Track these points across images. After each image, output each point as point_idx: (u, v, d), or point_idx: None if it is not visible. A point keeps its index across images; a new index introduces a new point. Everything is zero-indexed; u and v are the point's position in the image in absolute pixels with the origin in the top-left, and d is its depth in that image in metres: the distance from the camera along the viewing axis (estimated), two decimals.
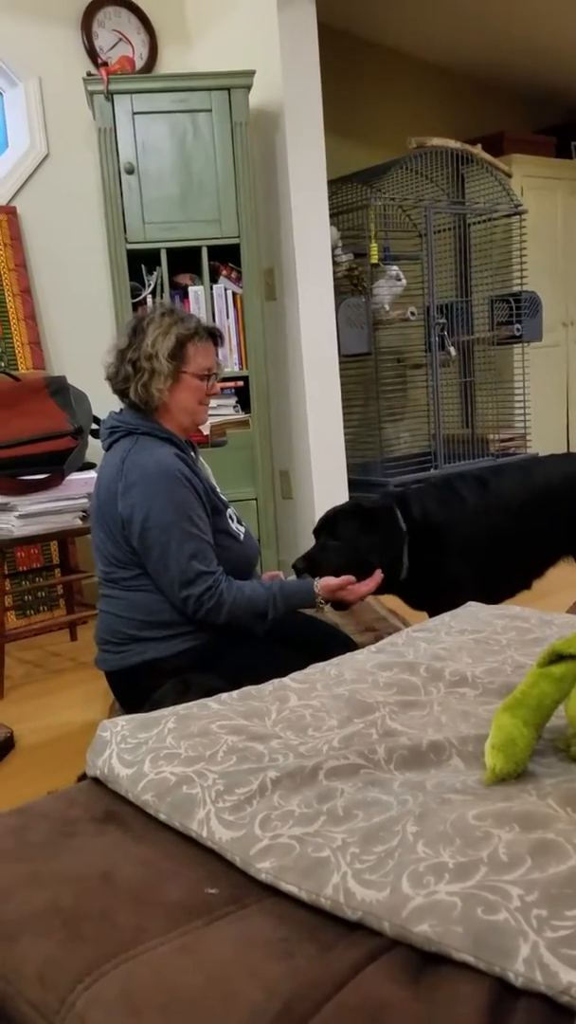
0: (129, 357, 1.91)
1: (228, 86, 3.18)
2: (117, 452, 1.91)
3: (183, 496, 1.85)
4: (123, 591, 1.93)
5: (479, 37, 4.76)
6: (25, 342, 3.39)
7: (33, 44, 3.42)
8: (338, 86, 4.34)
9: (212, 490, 1.99)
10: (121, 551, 1.90)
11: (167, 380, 1.90)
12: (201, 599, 1.85)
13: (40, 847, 1.01)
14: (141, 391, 1.90)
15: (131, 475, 1.85)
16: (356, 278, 4.01)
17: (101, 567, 1.98)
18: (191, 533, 1.84)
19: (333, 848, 0.90)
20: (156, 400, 1.91)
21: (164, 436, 1.93)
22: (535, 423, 4.79)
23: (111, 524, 1.89)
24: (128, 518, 1.85)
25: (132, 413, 1.96)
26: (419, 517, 2.31)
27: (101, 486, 1.93)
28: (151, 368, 1.88)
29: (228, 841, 0.97)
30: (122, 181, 3.16)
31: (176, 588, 1.85)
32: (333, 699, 1.31)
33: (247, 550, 2.05)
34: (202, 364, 1.94)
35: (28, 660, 3.08)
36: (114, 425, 1.95)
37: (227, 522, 2.00)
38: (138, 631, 1.92)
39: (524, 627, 1.62)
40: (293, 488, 3.73)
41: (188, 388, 1.94)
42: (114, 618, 1.94)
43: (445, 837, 0.87)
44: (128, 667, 1.94)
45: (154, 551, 1.84)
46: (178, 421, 1.97)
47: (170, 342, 1.89)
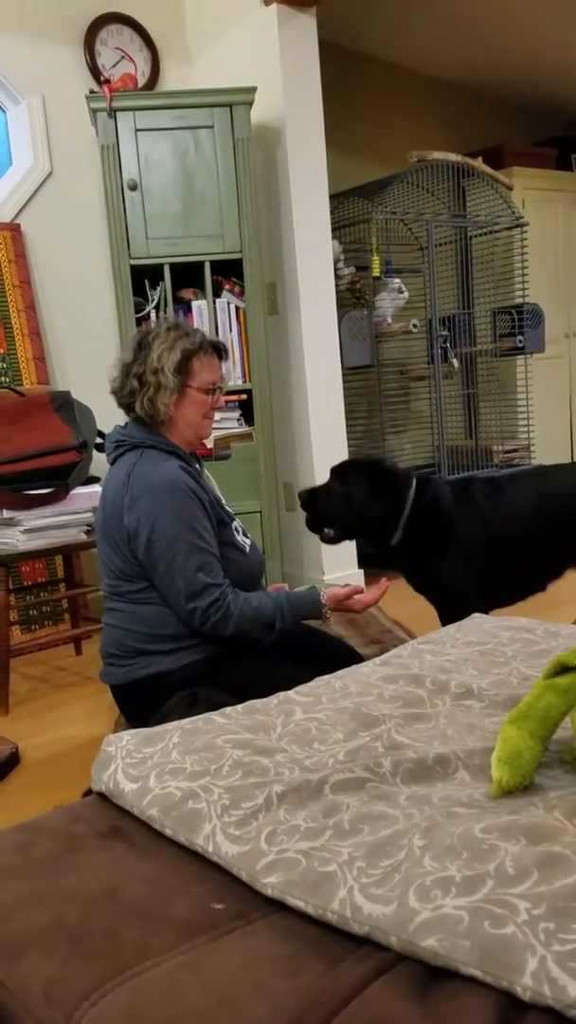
0: (135, 371, 1.92)
1: (230, 103, 3.21)
2: (122, 466, 1.92)
3: (189, 509, 1.85)
4: (129, 604, 1.93)
5: (479, 51, 4.80)
6: (30, 357, 3.40)
7: (36, 62, 3.45)
8: (339, 101, 4.37)
9: (217, 502, 1.99)
10: (127, 564, 1.90)
11: (172, 394, 1.91)
12: (208, 611, 1.85)
13: (45, 863, 1.01)
14: (147, 405, 1.91)
15: (136, 488, 1.85)
16: (358, 291, 4.02)
17: (107, 580, 1.98)
18: (197, 546, 1.84)
19: (339, 862, 0.90)
20: (162, 414, 1.92)
21: (169, 449, 1.93)
22: (539, 434, 4.79)
23: (117, 537, 1.89)
24: (134, 531, 1.85)
25: (137, 427, 1.96)
26: (429, 500, 2.37)
27: (106, 500, 1.94)
28: (157, 382, 1.89)
29: (234, 856, 0.97)
30: (125, 197, 3.19)
31: (183, 601, 1.85)
32: (338, 712, 1.30)
33: (253, 562, 2.05)
34: (207, 378, 1.95)
35: (33, 675, 3.08)
36: (119, 439, 1.96)
37: (233, 534, 2.00)
38: (143, 644, 1.92)
39: (530, 639, 1.62)
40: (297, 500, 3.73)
41: (193, 402, 1.94)
42: (119, 631, 1.94)
43: (452, 851, 0.87)
44: (133, 680, 1.93)
45: (160, 564, 1.84)
46: (183, 435, 1.97)
47: (175, 356, 1.90)
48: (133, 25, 3.65)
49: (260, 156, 3.49)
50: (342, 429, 3.68)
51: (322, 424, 3.60)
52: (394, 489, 2.34)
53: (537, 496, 2.46)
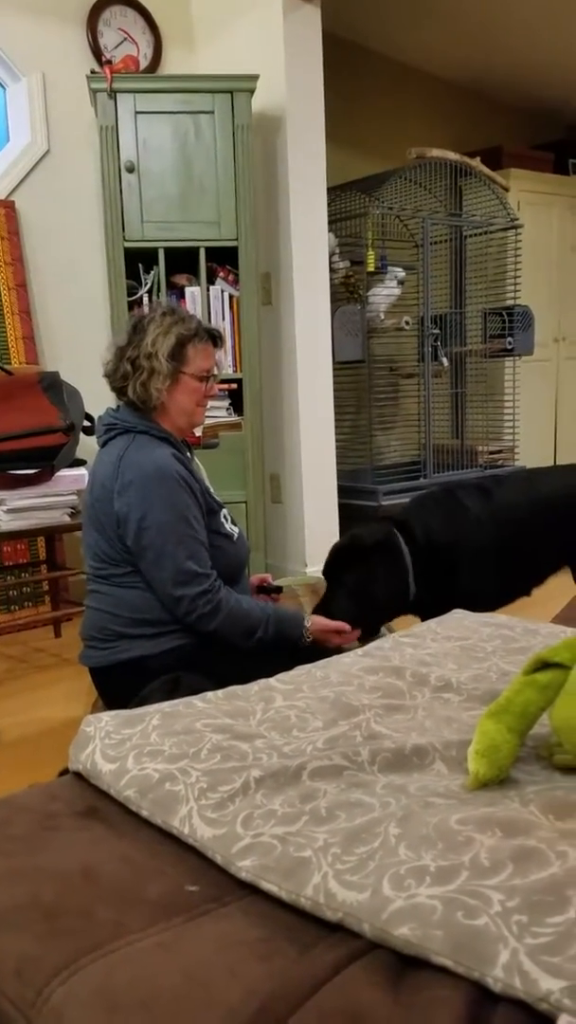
0: (128, 355, 1.90)
1: (231, 89, 3.19)
2: (113, 450, 1.90)
3: (180, 497, 1.84)
4: (113, 587, 1.92)
5: (482, 52, 4.80)
6: (19, 336, 3.38)
7: (38, 40, 3.41)
8: (340, 94, 4.35)
9: (207, 491, 1.98)
10: (114, 549, 1.89)
11: (166, 380, 1.89)
12: (196, 601, 1.83)
13: (21, 840, 1.01)
14: (139, 390, 1.89)
15: (128, 474, 1.84)
16: (352, 286, 4.02)
17: (91, 563, 1.97)
18: (188, 534, 1.84)
19: (315, 848, 0.90)
20: (154, 399, 1.91)
21: (161, 436, 1.92)
22: (523, 436, 4.81)
23: (104, 521, 1.88)
24: (124, 517, 1.84)
25: (129, 411, 1.95)
26: (423, 539, 2.27)
27: (95, 483, 1.92)
28: (150, 367, 1.88)
29: (210, 839, 0.97)
30: (122, 179, 3.16)
31: (170, 588, 1.83)
32: (319, 701, 1.31)
33: (239, 551, 2.05)
34: (201, 365, 1.94)
35: (12, 656, 3.06)
36: (111, 422, 1.95)
37: (221, 523, 1.99)
38: (126, 628, 1.91)
39: (509, 635, 1.63)
40: (283, 492, 3.73)
41: (186, 389, 1.93)
42: (102, 614, 1.94)
43: (427, 840, 0.87)
44: (113, 664, 1.93)
45: (149, 552, 1.83)
46: (175, 421, 1.96)
47: (170, 342, 1.89)
48: (137, 7, 3.62)
49: (260, 145, 3.48)
50: (330, 423, 3.68)
51: (311, 417, 3.60)
52: (390, 559, 2.22)
53: (527, 499, 2.45)
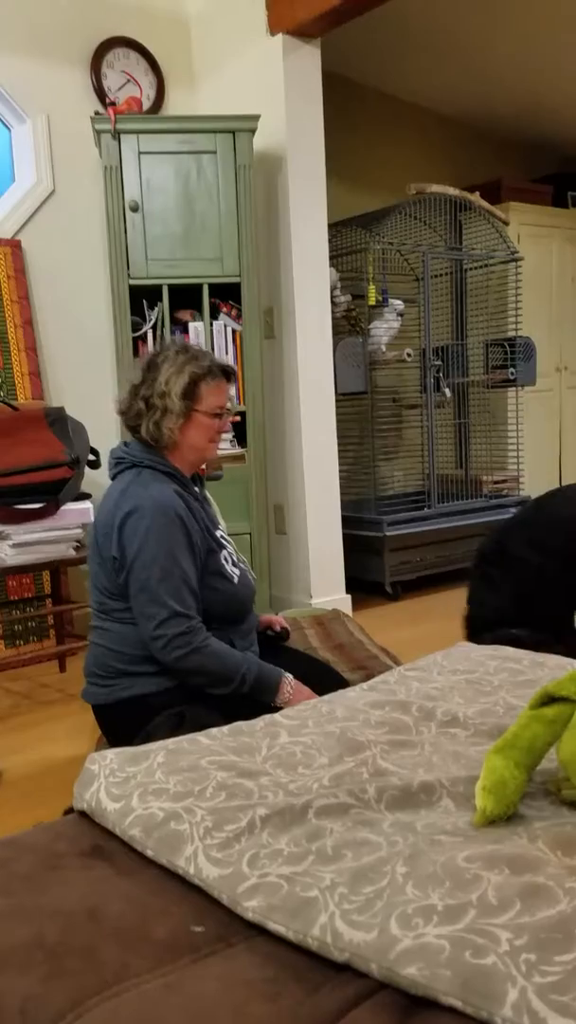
0: (142, 394, 1.91)
1: (233, 129, 3.25)
2: (119, 484, 1.91)
3: (173, 534, 1.83)
4: (114, 623, 1.92)
5: (479, 87, 4.88)
6: (25, 372, 3.41)
7: (43, 82, 3.49)
8: (340, 132, 4.43)
9: (209, 530, 1.97)
10: (112, 582, 1.89)
11: (178, 419, 1.90)
12: (173, 642, 1.80)
13: (25, 880, 1.00)
14: (152, 428, 1.90)
15: (126, 507, 1.85)
16: (354, 319, 4.06)
17: (94, 597, 1.97)
18: (173, 573, 1.82)
19: (321, 888, 0.89)
20: (166, 439, 1.91)
21: (167, 471, 1.93)
22: (528, 466, 4.83)
23: (104, 555, 1.89)
24: (119, 550, 1.85)
25: (139, 446, 1.96)
26: None
27: (100, 516, 1.93)
28: (163, 406, 1.89)
29: (215, 879, 0.96)
30: (126, 218, 3.21)
31: (150, 624, 1.82)
32: (324, 737, 1.30)
33: (240, 591, 2.00)
34: (214, 402, 1.95)
35: (16, 691, 3.05)
36: (120, 456, 1.96)
37: (221, 563, 1.97)
38: (127, 665, 1.90)
39: (516, 668, 1.62)
40: (287, 523, 3.74)
41: (199, 426, 1.94)
42: (104, 651, 1.93)
43: (435, 879, 0.87)
44: (115, 702, 1.92)
45: (134, 585, 1.83)
46: (187, 458, 1.97)
47: (183, 381, 1.90)
48: (140, 50, 3.70)
49: (261, 182, 3.53)
50: (334, 454, 3.69)
51: (314, 448, 3.62)
52: None
53: None
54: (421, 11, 3.87)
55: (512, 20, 4.13)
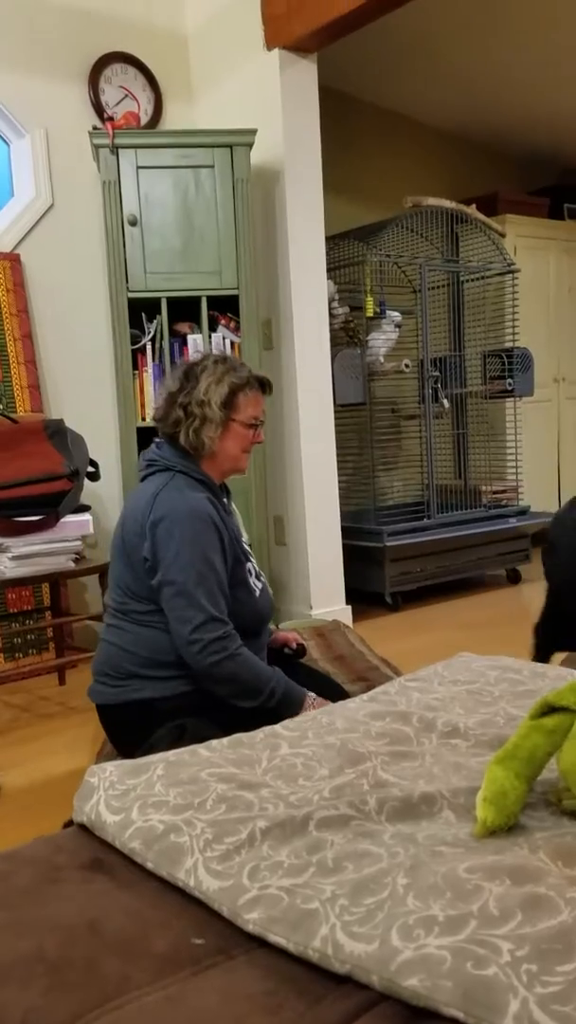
0: (180, 401, 1.92)
1: (230, 143, 3.27)
2: (150, 486, 1.92)
3: (209, 540, 1.85)
4: (132, 624, 1.92)
5: (475, 101, 4.92)
6: (24, 385, 3.42)
7: (41, 97, 3.51)
8: (337, 145, 4.46)
9: (238, 539, 1.98)
10: (138, 583, 1.89)
11: (218, 428, 1.92)
12: (209, 646, 1.81)
13: (25, 893, 1.00)
14: (192, 436, 1.92)
15: (160, 510, 1.85)
16: (352, 330, 4.08)
17: (114, 596, 1.96)
18: (210, 577, 1.83)
19: (322, 900, 0.89)
20: (207, 447, 1.93)
21: (200, 478, 1.94)
22: (527, 476, 4.83)
23: (132, 555, 1.89)
24: (151, 554, 1.85)
25: (172, 451, 1.97)
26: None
27: (128, 516, 1.93)
28: (202, 415, 1.90)
29: (216, 891, 0.96)
30: (125, 232, 3.23)
31: (186, 627, 1.82)
32: (324, 748, 1.30)
33: (261, 606, 2.01)
34: (251, 413, 1.97)
35: (16, 704, 3.05)
36: (152, 459, 1.97)
37: (246, 574, 1.97)
38: (139, 668, 1.90)
39: (516, 679, 1.62)
40: (287, 534, 3.74)
41: (236, 436, 1.96)
42: (118, 651, 1.93)
43: (436, 890, 0.87)
44: (122, 703, 1.92)
45: (169, 589, 1.83)
46: (220, 467, 1.98)
47: (223, 390, 1.91)
48: (137, 65, 3.72)
49: (259, 196, 3.55)
50: (333, 465, 3.70)
51: (313, 459, 3.62)
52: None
53: None
54: (416, 26, 3.90)
55: (506, 34, 4.17)
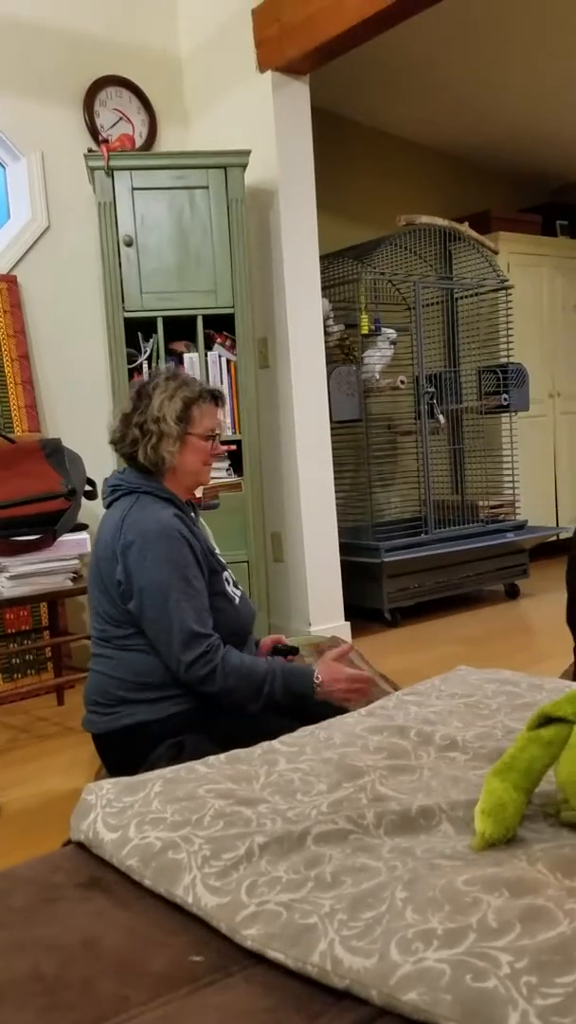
0: (135, 421, 1.94)
1: (225, 164, 3.30)
2: (117, 511, 1.93)
3: (182, 556, 1.85)
4: (116, 650, 1.92)
5: (467, 121, 4.97)
6: (22, 405, 3.43)
7: (37, 120, 3.55)
8: (331, 165, 4.50)
9: (211, 551, 1.99)
10: (116, 609, 1.89)
11: (175, 442, 1.93)
12: (195, 664, 1.81)
13: (22, 912, 0.99)
14: (151, 453, 1.93)
15: (130, 534, 1.86)
16: (347, 347, 4.10)
17: (95, 625, 1.97)
18: (188, 593, 1.84)
19: (321, 915, 0.89)
20: (167, 462, 1.94)
21: (165, 496, 1.94)
22: (524, 490, 4.84)
23: (107, 581, 1.89)
24: (125, 576, 1.85)
25: (135, 473, 1.98)
26: None
27: (100, 544, 1.94)
28: (159, 431, 1.91)
29: (214, 907, 0.95)
30: (121, 253, 3.25)
31: (173, 648, 1.83)
32: (322, 763, 1.30)
33: (243, 614, 2.03)
34: (207, 425, 1.98)
35: (14, 725, 3.04)
36: (116, 484, 1.98)
37: (224, 584, 1.99)
38: (128, 692, 1.90)
39: (514, 691, 1.62)
40: (285, 551, 3.74)
41: (194, 449, 1.97)
42: (105, 678, 1.93)
43: (434, 903, 0.86)
44: (116, 729, 1.91)
45: (150, 611, 1.84)
46: (182, 482, 1.99)
47: (176, 405, 1.93)
48: (132, 88, 3.77)
49: (254, 216, 3.58)
50: (330, 481, 3.71)
51: (310, 476, 3.63)
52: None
53: None
54: (406, 48, 3.95)
55: (496, 54, 4.22)
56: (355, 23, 3.09)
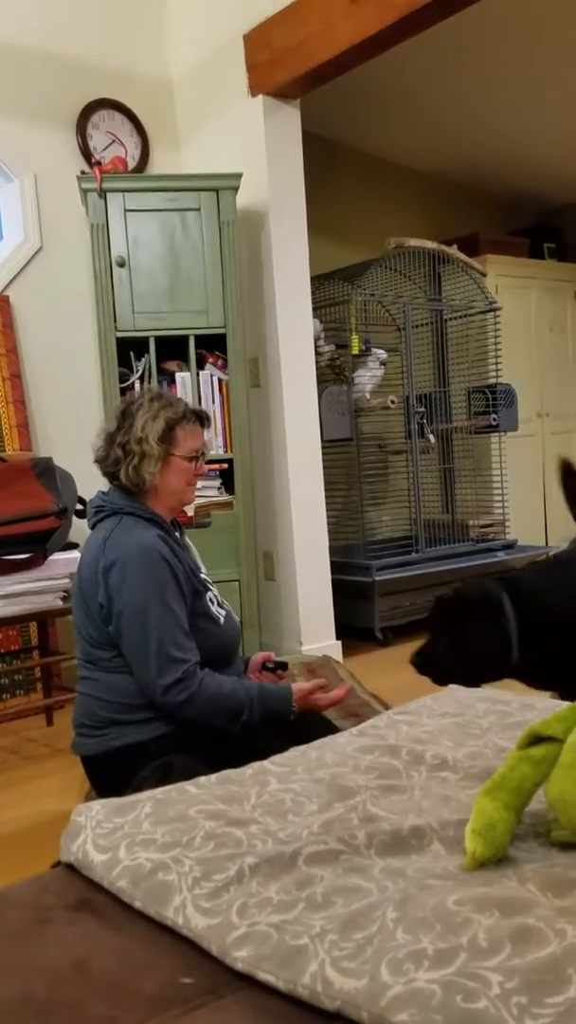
0: (119, 440, 1.94)
1: (216, 187, 3.33)
2: (100, 532, 1.93)
3: (162, 578, 1.85)
4: (102, 672, 1.91)
5: (454, 145, 5.04)
6: (13, 424, 3.44)
7: (30, 143, 3.58)
8: (321, 188, 4.54)
9: (194, 572, 1.99)
10: (99, 631, 1.89)
11: (157, 463, 1.93)
12: (171, 689, 1.81)
13: (11, 935, 0.98)
14: (132, 473, 1.93)
15: (111, 555, 1.86)
16: (338, 367, 4.12)
17: (81, 647, 1.96)
18: (167, 617, 1.83)
19: (311, 935, 0.89)
20: (147, 483, 1.94)
21: (148, 517, 1.95)
22: (514, 509, 4.86)
23: (90, 603, 1.89)
24: (106, 598, 1.85)
25: (119, 494, 1.98)
26: (533, 597, 2.16)
27: (83, 565, 1.94)
28: (141, 451, 1.92)
29: (204, 929, 0.95)
30: (113, 273, 3.27)
31: (151, 673, 1.82)
32: (314, 783, 1.30)
33: (228, 633, 2.03)
34: (190, 446, 1.98)
35: (3, 746, 3.01)
36: (100, 505, 1.98)
37: (207, 605, 1.99)
38: (117, 714, 1.89)
39: (505, 711, 1.63)
40: (276, 569, 3.74)
41: (177, 470, 1.97)
42: (92, 700, 1.92)
43: (425, 923, 0.86)
44: (105, 752, 1.90)
45: (127, 634, 1.83)
46: (166, 502, 1.99)
47: (159, 426, 1.93)
48: (124, 111, 3.80)
49: (245, 237, 3.61)
50: (321, 500, 3.72)
51: (302, 495, 3.64)
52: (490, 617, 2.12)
53: None
54: (395, 73, 4.00)
55: (482, 80, 4.28)
56: (344, 49, 3.14)
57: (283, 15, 3.33)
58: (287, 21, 3.32)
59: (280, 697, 1.92)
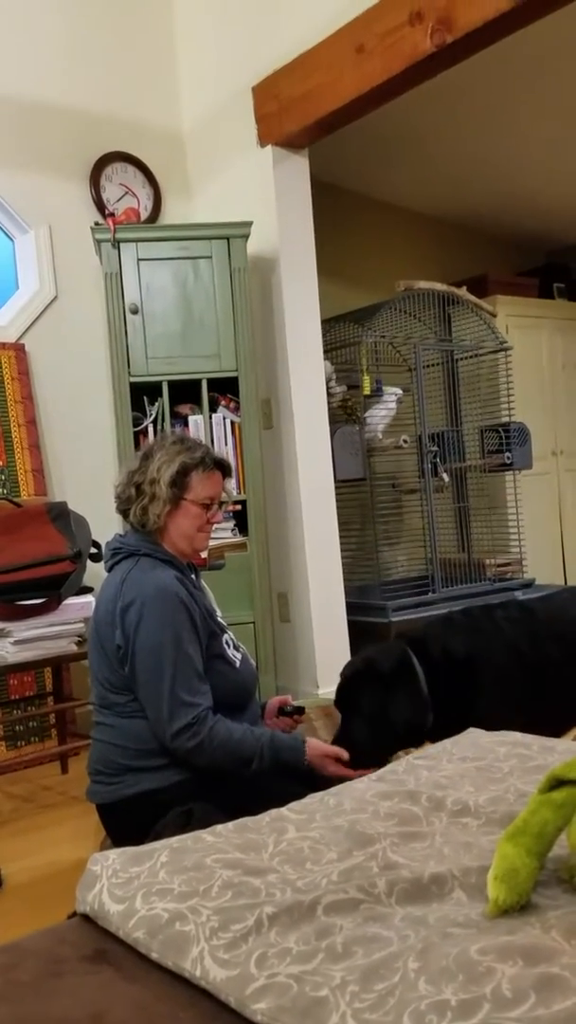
0: (135, 480, 1.97)
1: (227, 235, 3.40)
2: (118, 573, 1.93)
3: (178, 620, 1.85)
4: (117, 718, 1.90)
5: (460, 189, 5.11)
6: (28, 469, 3.47)
7: (45, 195, 3.66)
8: (331, 233, 4.62)
9: (210, 615, 1.99)
10: (115, 675, 1.88)
11: (165, 505, 1.94)
12: (182, 734, 1.79)
13: (28, 987, 0.97)
14: (139, 513, 1.95)
15: (129, 595, 1.86)
16: (350, 408, 4.15)
17: (96, 692, 1.95)
18: (181, 660, 1.82)
19: (332, 987, 0.87)
20: (151, 524, 1.95)
21: (165, 559, 1.95)
22: (530, 549, 4.84)
23: (107, 646, 1.89)
24: (122, 639, 1.85)
25: (136, 535, 1.99)
26: (439, 656, 2.14)
27: (100, 607, 1.94)
28: (151, 493, 1.93)
29: (222, 980, 0.93)
30: (127, 320, 3.33)
31: (163, 715, 1.81)
32: (332, 831, 1.28)
33: (244, 677, 2.02)
34: (204, 493, 1.98)
35: (17, 795, 2.99)
36: (117, 547, 1.98)
37: (223, 647, 1.98)
38: (131, 761, 1.87)
39: (526, 754, 1.60)
40: (291, 611, 3.73)
41: (188, 514, 1.97)
42: (107, 747, 1.91)
43: (447, 973, 0.84)
44: (120, 799, 1.88)
45: (142, 675, 1.83)
46: (176, 545, 1.99)
47: (173, 469, 1.95)
48: (136, 163, 3.90)
49: (256, 283, 3.67)
50: (335, 540, 3.72)
51: (316, 535, 3.64)
52: (405, 683, 2.09)
53: None
54: (401, 121, 4.09)
55: (488, 126, 4.36)
56: (351, 99, 3.21)
57: (291, 66, 3.41)
58: (295, 72, 3.40)
59: (292, 749, 1.89)
